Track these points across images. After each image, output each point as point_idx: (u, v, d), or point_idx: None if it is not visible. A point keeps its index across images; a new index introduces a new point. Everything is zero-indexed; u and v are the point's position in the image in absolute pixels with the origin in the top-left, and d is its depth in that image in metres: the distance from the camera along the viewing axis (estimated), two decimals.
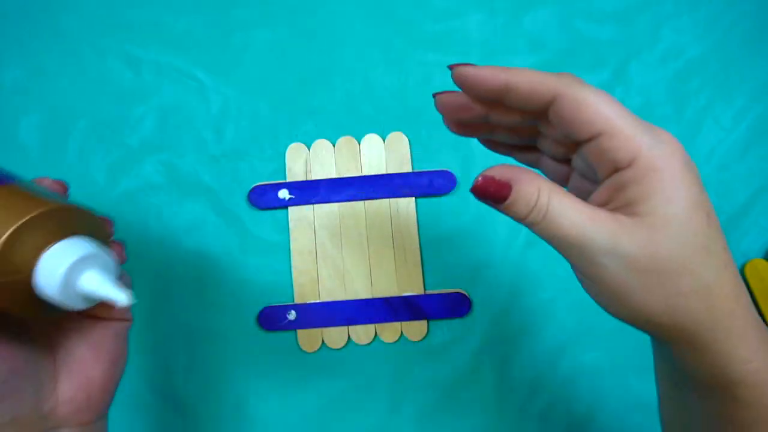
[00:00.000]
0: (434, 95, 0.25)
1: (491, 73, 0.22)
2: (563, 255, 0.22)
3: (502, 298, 0.43)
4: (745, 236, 0.43)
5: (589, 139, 0.21)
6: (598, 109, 0.21)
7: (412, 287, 0.43)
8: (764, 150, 0.44)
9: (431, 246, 0.44)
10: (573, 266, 0.23)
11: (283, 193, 0.44)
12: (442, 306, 0.42)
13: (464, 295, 0.43)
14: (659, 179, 0.20)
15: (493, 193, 0.22)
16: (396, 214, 0.44)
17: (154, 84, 0.46)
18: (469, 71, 0.22)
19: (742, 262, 0.43)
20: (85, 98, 0.46)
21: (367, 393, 0.42)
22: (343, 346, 0.43)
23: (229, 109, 0.46)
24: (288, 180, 0.44)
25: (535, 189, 0.21)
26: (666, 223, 0.20)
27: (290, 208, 0.44)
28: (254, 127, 0.46)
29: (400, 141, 0.45)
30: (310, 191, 0.44)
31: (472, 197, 0.44)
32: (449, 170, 0.44)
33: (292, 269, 0.43)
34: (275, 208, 0.44)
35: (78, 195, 0.45)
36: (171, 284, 0.44)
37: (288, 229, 0.44)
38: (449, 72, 0.22)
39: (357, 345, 0.43)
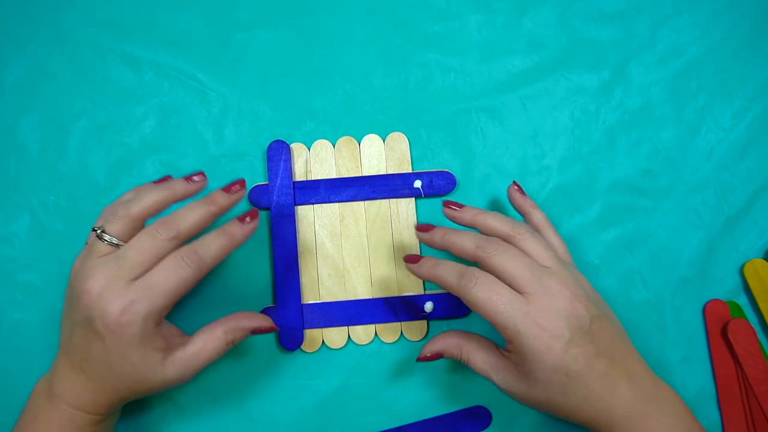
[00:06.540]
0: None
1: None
2: None
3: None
4: (745, 236, 0.43)
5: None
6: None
7: (412, 287, 0.43)
8: (763, 150, 0.44)
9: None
10: None
11: None
12: (442, 306, 0.42)
13: None
14: (525, 358, 0.33)
15: (432, 359, 0.37)
16: (396, 214, 0.44)
17: (154, 84, 0.46)
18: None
19: (741, 262, 0.43)
20: (85, 98, 0.46)
21: (367, 393, 0.42)
22: (343, 346, 0.43)
23: (229, 109, 0.46)
24: None
25: (458, 350, 0.37)
26: (534, 381, 0.33)
27: None
28: (254, 127, 0.46)
29: (400, 141, 0.45)
30: (310, 191, 0.44)
31: (472, 197, 0.45)
32: (449, 170, 0.44)
33: None
34: None
35: (78, 195, 0.45)
36: None
37: None
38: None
39: (357, 345, 0.43)
